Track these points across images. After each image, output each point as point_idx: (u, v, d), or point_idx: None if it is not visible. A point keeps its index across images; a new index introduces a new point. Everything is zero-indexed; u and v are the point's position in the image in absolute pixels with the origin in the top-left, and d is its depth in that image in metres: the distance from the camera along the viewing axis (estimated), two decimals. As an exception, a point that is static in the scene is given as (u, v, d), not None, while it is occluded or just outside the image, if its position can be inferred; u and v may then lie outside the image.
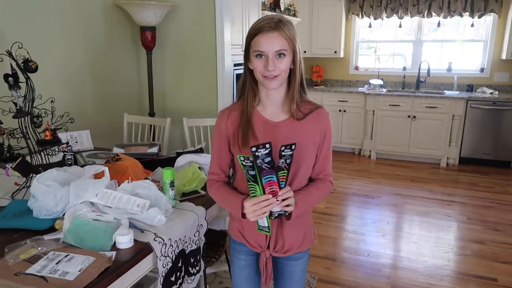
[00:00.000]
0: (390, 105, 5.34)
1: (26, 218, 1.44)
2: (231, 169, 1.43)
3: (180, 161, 1.99)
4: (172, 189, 1.60)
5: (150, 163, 2.04)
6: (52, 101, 1.80)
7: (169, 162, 2.03)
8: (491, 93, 5.17)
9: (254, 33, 1.22)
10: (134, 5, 3.10)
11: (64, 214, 1.42)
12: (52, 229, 1.40)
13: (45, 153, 1.77)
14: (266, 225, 1.22)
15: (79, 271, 1.12)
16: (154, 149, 2.16)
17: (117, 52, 3.41)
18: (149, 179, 1.76)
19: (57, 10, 2.81)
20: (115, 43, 3.38)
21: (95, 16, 3.16)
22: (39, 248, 1.22)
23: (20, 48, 1.73)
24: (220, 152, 1.38)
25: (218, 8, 3.18)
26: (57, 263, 1.16)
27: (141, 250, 1.31)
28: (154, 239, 1.35)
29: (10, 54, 1.72)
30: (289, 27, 1.22)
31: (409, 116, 5.26)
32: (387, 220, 3.70)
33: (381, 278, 2.76)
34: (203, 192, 1.78)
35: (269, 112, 1.33)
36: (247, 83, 1.32)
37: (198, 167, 1.85)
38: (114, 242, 1.31)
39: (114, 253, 1.25)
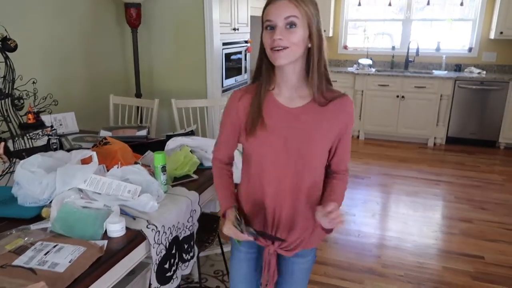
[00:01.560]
0: (379, 85, 5.32)
1: (11, 206, 1.37)
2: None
3: (171, 144, 1.93)
4: (164, 174, 1.55)
5: (139, 147, 1.97)
6: (34, 82, 1.71)
7: (159, 145, 1.96)
8: (479, 73, 5.18)
9: (266, 4, 1.13)
10: (117, -19, 2.96)
11: (51, 202, 1.35)
12: (38, 218, 1.34)
13: (28, 137, 1.68)
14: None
15: (69, 262, 1.07)
16: (143, 132, 2.09)
17: (101, 30, 3.27)
18: (139, 163, 1.70)
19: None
20: (98, 21, 3.24)
21: (77, -8, 3.01)
22: (26, 239, 1.16)
23: (-2, 25, 1.63)
24: (227, 136, 1.31)
25: (206, -16, 3.07)
26: (45, 254, 1.10)
27: (134, 238, 1.26)
28: (147, 227, 1.30)
29: (-14, 32, 1.61)
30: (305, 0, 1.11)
31: (397, 96, 5.25)
32: (376, 200, 3.72)
33: (372, 258, 2.78)
34: (195, 177, 1.73)
35: (285, 96, 1.21)
36: (263, 64, 1.21)
37: (190, 151, 1.79)
38: (105, 231, 1.25)
39: (105, 242, 1.20)
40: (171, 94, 3.29)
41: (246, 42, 4.04)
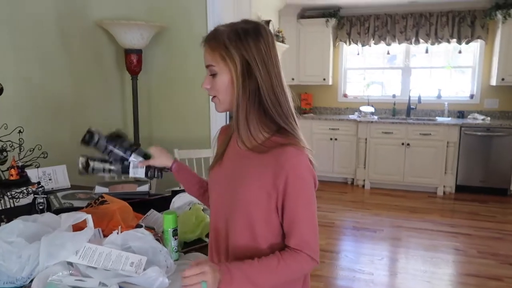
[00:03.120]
0: (382, 132, 5.17)
1: (-20, 287, 1.08)
2: None
3: (177, 201, 1.67)
4: (175, 239, 1.27)
5: (140, 204, 1.70)
6: (20, 132, 1.47)
7: (164, 202, 1.70)
8: (483, 119, 5.08)
9: None
10: (118, 26, 2.82)
11: (31, 281, 1.06)
12: (14, 302, 1.04)
13: (10, 196, 1.41)
14: None
15: None
16: (145, 187, 1.83)
17: (99, 76, 3.09)
18: (142, 226, 1.42)
19: (32, 29, 2.50)
20: (97, 67, 3.07)
21: (75, 38, 2.86)
22: None
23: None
24: None
25: (210, 29, 2.94)
26: None
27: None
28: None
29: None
30: (223, 36, 0.99)
31: (402, 144, 5.09)
32: (392, 256, 3.42)
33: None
34: (208, 240, 1.45)
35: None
36: None
37: (202, 209, 1.52)
38: (101, 320, 0.96)
39: (101, 338, 0.90)
40: (171, 143, 3.06)
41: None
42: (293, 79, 5.66)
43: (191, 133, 3.15)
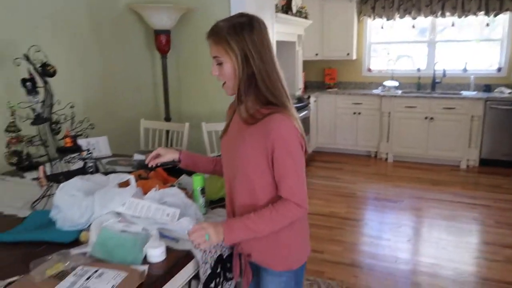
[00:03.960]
0: (406, 106, 5.22)
1: (49, 230, 1.34)
2: None
3: (205, 167, 1.89)
4: (203, 196, 1.50)
5: (173, 171, 1.93)
6: (71, 107, 1.72)
7: (193, 168, 1.92)
8: (510, 92, 5.02)
9: None
10: (148, 9, 3.03)
11: (89, 226, 1.32)
12: (77, 242, 1.30)
13: (65, 161, 1.67)
14: None
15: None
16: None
17: (131, 56, 3.34)
18: (175, 185, 1.66)
19: (69, 15, 2.74)
20: (129, 48, 3.31)
21: (109, 20, 3.09)
22: (67, 263, 1.12)
23: (38, 51, 1.66)
24: None
25: (233, 10, 3.10)
26: (87, 279, 1.06)
27: (177, 261, 1.20)
28: (195, 246, 1.25)
29: (27, 58, 1.64)
30: (223, 32, 1.18)
31: (426, 118, 5.13)
32: (411, 225, 3.56)
33: (411, 285, 2.63)
34: (231, 200, 1.67)
35: (240, 111, 1.28)
36: None
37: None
38: (145, 256, 1.20)
39: (146, 267, 1.14)
40: (199, 117, 3.29)
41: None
42: (316, 54, 5.75)
43: (216, 108, 3.37)
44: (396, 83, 5.52)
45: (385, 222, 3.63)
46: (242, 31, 1.18)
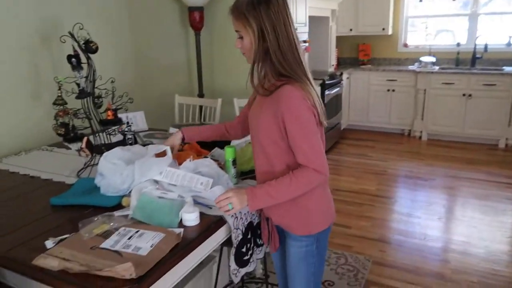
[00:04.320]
0: (443, 83, 5.06)
1: (94, 195, 1.47)
2: None
3: (236, 141, 1.96)
4: (234, 167, 1.58)
5: (206, 144, 2.02)
6: (112, 82, 1.82)
7: (225, 142, 2.00)
8: (557, 68, 4.77)
9: None
10: (182, -14, 3.08)
11: (130, 192, 1.43)
12: (119, 206, 1.42)
13: (107, 132, 1.79)
14: None
15: (151, 246, 1.12)
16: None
17: (166, 34, 3.42)
18: (208, 157, 1.75)
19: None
20: (164, 25, 3.39)
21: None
22: (111, 224, 1.23)
23: (81, 29, 1.76)
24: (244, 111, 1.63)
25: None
26: (129, 239, 1.17)
27: (210, 225, 1.30)
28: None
29: (72, 35, 1.75)
30: (243, 8, 1.24)
31: (464, 95, 4.97)
32: (442, 203, 3.54)
33: (440, 263, 2.64)
34: (261, 171, 1.75)
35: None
36: None
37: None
38: (181, 220, 1.31)
39: (182, 230, 1.24)
40: (231, 93, 3.36)
41: (304, 41, 4.03)
42: (350, 29, 5.63)
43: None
44: (433, 59, 5.35)
45: (415, 200, 3.62)
46: (259, 7, 1.23)
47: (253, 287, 2.42)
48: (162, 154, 1.55)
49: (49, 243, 1.16)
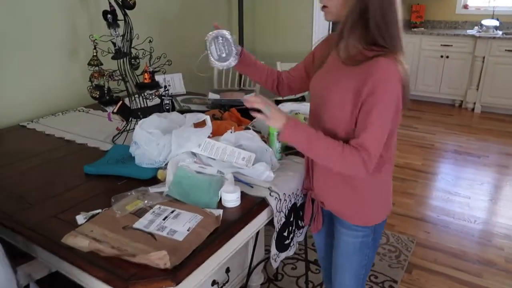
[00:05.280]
0: (506, 50, 4.59)
1: (129, 165, 1.38)
2: None
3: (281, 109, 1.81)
4: (279, 142, 1.43)
5: (247, 111, 1.88)
6: (150, 41, 1.69)
7: (268, 110, 1.85)
8: None
9: None
10: None
11: (166, 164, 1.32)
12: (154, 179, 1.33)
13: (144, 96, 1.68)
14: None
15: (188, 230, 1.02)
16: (252, 95, 1.99)
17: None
18: (250, 128, 1.61)
19: None
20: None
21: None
22: (145, 201, 1.14)
23: (117, -18, 1.61)
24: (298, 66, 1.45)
25: None
26: (164, 219, 1.07)
27: (252, 207, 1.18)
28: (270, 194, 1.22)
29: (107, -12, 1.61)
30: None
31: (528, 64, 4.50)
32: (496, 183, 3.27)
33: (492, 249, 2.45)
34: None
35: (340, 47, 1.14)
36: None
37: (304, 118, 1.65)
38: (220, 199, 1.19)
39: (221, 211, 1.13)
40: (273, 57, 3.15)
41: None
42: (405, -12, 5.15)
43: (292, 48, 3.20)
44: (496, 23, 4.83)
45: (465, 178, 3.36)
46: None
47: (289, 264, 2.34)
48: (202, 124, 1.42)
49: (80, 218, 1.08)
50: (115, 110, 1.54)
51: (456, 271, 2.27)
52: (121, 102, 1.58)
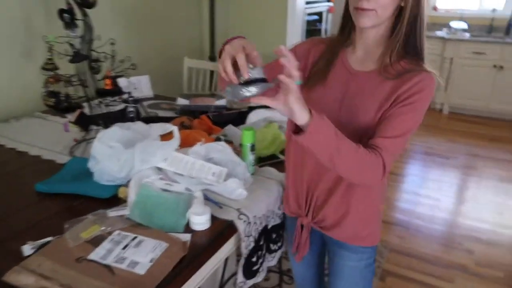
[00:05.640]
0: (473, 52, 4.68)
1: (87, 182, 1.25)
2: None
3: (253, 117, 1.72)
4: (253, 154, 1.34)
5: (218, 118, 1.78)
6: (112, 43, 1.55)
7: (240, 117, 1.76)
8: None
9: None
10: None
11: (129, 181, 1.21)
12: (115, 197, 1.21)
13: (106, 104, 1.55)
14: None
15: (151, 261, 0.91)
16: (222, 102, 1.89)
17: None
18: (221, 139, 1.51)
19: None
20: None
21: None
22: (103, 228, 1.02)
23: (74, -22, 1.47)
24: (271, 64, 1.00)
25: None
26: (124, 248, 0.96)
27: (221, 231, 1.08)
28: (238, 217, 1.12)
29: (63, -15, 1.47)
30: None
31: (495, 66, 4.59)
32: (464, 185, 3.31)
33: (463, 253, 2.46)
34: (282, 157, 1.51)
35: (357, 56, 1.04)
36: (345, 18, 1.06)
37: (279, 127, 1.57)
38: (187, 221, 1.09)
39: (189, 236, 1.03)
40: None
41: (328, 1, 3.64)
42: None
43: (266, 48, 3.10)
44: (465, 25, 4.92)
45: (433, 179, 3.39)
46: None
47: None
48: (169, 136, 1.31)
49: (27, 249, 0.95)
50: (73, 120, 1.40)
51: (429, 277, 2.26)
52: (79, 111, 1.44)
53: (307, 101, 0.86)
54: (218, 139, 1.49)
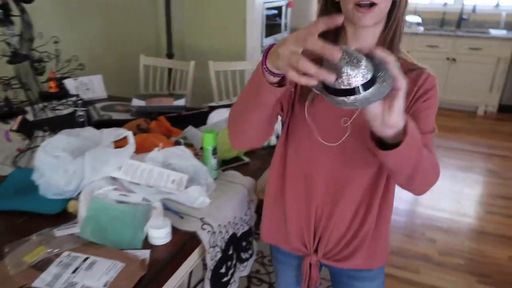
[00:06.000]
0: (427, 46, 4.81)
1: (32, 197, 1.13)
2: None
3: (215, 117, 1.64)
4: (215, 157, 1.27)
5: (177, 119, 1.69)
6: (55, 42, 1.42)
7: (201, 118, 1.68)
8: (543, 33, 4.60)
9: None
10: None
11: (79, 194, 1.10)
12: (64, 213, 1.09)
13: (51, 108, 1.42)
14: None
15: (105, 286, 0.82)
16: (181, 102, 1.79)
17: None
18: (181, 142, 1.42)
19: None
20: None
21: None
22: (49, 250, 0.91)
23: (9, -30, 1.32)
24: None
25: None
26: (74, 272, 0.86)
27: (183, 244, 1.00)
28: (202, 227, 1.04)
29: (-4, -23, 1.32)
30: None
31: (448, 59, 4.75)
32: (425, 176, 3.39)
33: (426, 242, 2.51)
34: (246, 159, 1.44)
35: None
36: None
37: (240, 128, 1.49)
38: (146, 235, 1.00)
39: (148, 253, 0.94)
40: (205, 55, 2.96)
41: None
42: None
43: (226, 44, 3.02)
44: (418, 19, 5.05)
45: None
46: None
47: None
48: (123, 142, 1.21)
49: (-41, 280, 0.84)
50: (14, 128, 1.27)
51: (396, 270, 2.28)
52: (21, 117, 1.31)
53: (313, 115, 0.82)
54: (177, 143, 1.40)
